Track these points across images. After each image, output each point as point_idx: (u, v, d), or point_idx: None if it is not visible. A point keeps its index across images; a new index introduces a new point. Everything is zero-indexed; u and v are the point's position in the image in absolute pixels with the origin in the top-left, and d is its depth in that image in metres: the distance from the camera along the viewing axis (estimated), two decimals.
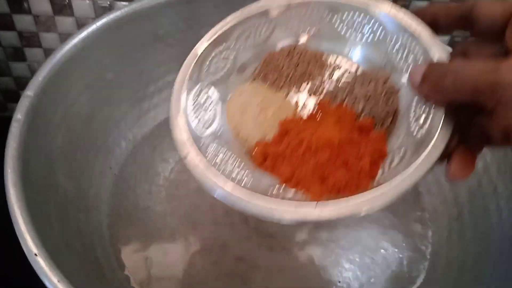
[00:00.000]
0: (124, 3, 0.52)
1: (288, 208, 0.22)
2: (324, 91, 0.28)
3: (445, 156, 0.23)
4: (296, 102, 0.28)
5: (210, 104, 0.28)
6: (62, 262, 0.25)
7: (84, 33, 0.38)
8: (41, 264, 0.24)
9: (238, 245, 0.37)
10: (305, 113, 0.27)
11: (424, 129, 0.23)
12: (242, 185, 0.24)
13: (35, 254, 0.24)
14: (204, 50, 0.30)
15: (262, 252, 0.37)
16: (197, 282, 0.35)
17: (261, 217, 0.22)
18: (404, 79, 0.25)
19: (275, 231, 0.38)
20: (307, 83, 0.28)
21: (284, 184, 0.24)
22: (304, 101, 0.28)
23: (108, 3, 0.53)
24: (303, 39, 0.29)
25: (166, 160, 0.42)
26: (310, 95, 0.28)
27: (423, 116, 0.23)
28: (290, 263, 0.37)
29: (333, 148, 0.24)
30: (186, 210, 0.39)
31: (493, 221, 0.36)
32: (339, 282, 0.36)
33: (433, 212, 0.41)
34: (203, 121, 0.27)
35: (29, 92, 0.32)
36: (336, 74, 0.28)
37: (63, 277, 0.24)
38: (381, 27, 0.27)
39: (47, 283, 0.24)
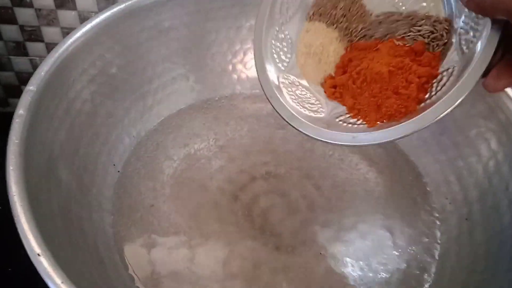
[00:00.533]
0: None
1: (346, 137, 0.26)
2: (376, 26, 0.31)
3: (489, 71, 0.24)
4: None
5: (286, 43, 0.31)
6: (65, 262, 0.25)
7: (86, 27, 0.37)
8: (44, 264, 0.23)
9: (243, 244, 0.36)
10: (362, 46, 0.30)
11: (472, 44, 0.24)
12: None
13: (38, 254, 0.23)
14: None
15: (267, 251, 0.36)
16: (201, 281, 0.34)
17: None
18: None
19: (281, 230, 0.38)
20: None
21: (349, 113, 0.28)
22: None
23: None
24: None
25: (170, 157, 0.42)
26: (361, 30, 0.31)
27: (471, 32, 0.25)
28: (296, 262, 0.36)
29: (383, 79, 0.27)
30: (190, 208, 0.38)
31: (505, 221, 0.35)
32: (347, 282, 0.35)
33: (442, 212, 0.40)
34: (281, 60, 0.31)
35: (31, 87, 0.32)
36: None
37: (67, 278, 0.23)
38: None
39: (50, 284, 0.23)
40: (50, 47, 0.56)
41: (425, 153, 0.44)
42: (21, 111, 0.30)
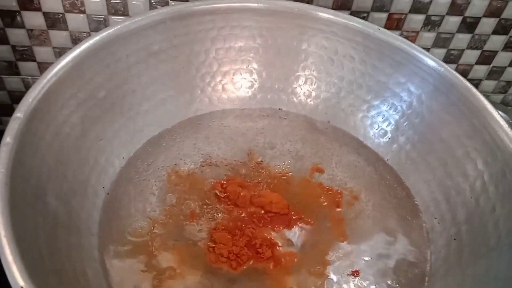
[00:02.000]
0: (118, 17, 0.52)
1: None
2: None
3: None
4: None
5: None
6: None
7: (76, 52, 0.37)
8: None
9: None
10: None
11: None
12: None
13: (22, 287, 0.24)
14: None
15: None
16: None
17: None
18: None
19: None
20: None
21: None
22: None
23: (103, 17, 0.52)
24: None
25: (160, 177, 0.42)
26: None
27: None
28: None
29: None
30: (182, 232, 0.38)
31: (491, 243, 0.35)
32: None
33: (431, 231, 0.41)
34: None
35: (19, 114, 0.32)
36: None
37: None
38: None
39: None
40: (42, 66, 0.56)
41: (414, 172, 0.44)
42: (8, 139, 0.30)
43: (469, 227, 0.38)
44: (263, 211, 0.40)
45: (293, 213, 0.41)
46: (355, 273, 0.37)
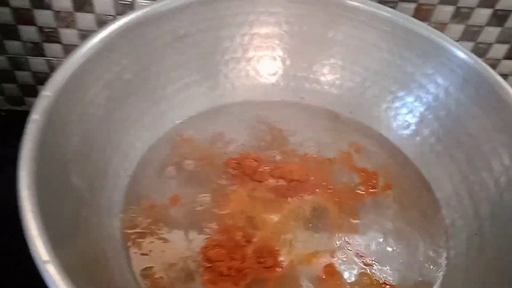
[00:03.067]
0: (144, 1, 0.52)
1: None
2: None
3: None
4: None
5: None
6: (73, 270, 0.25)
7: (104, 33, 0.37)
8: (52, 272, 0.24)
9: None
10: None
11: None
12: None
13: (45, 261, 0.24)
14: None
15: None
16: None
17: None
18: None
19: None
20: None
21: None
22: None
23: (130, 1, 0.52)
24: None
25: (181, 163, 0.42)
26: None
27: None
28: None
29: None
30: (203, 215, 0.38)
31: None
32: None
33: (451, 225, 0.40)
34: None
35: (48, 92, 0.32)
36: None
37: (73, 285, 0.23)
38: None
39: None
40: (67, 48, 0.57)
41: (436, 165, 0.43)
42: (36, 116, 0.30)
43: (492, 223, 0.38)
44: (285, 182, 0.40)
45: (312, 178, 0.41)
46: (365, 264, 0.37)
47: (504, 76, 0.63)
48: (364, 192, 0.41)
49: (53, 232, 0.26)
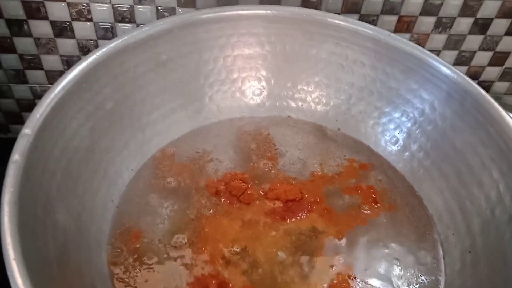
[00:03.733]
0: (125, 25, 0.52)
1: None
2: None
3: None
4: None
5: None
6: None
7: (83, 64, 0.37)
8: None
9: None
10: None
11: None
12: None
13: None
14: None
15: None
16: None
17: None
18: None
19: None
20: None
21: None
22: None
23: (110, 25, 0.52)
24: None
25: (169, 188, 0.41)
26: None
27: None
28: None
29: None
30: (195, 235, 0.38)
31: (509, 255, 0.35)
32: None
33: (445, 242, 0.40)
34: None
35: (27, 130, 0.31)
36: None
37: None
38: None
39: None
40: (50, 74, 0.56)
41: (427, 180, 0.43)
42: (16, 157, 0.30)
43: (485, 238, 0.37)
44: (280, 203, 0.41)
45: (306, 195, 0.41)
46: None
47: (490, 82, 0.63)
48: (365, 210, 0.41)
49: (39, 277, 0.26)
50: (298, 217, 0.40)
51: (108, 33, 0.53)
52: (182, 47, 0.43)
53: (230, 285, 0.35)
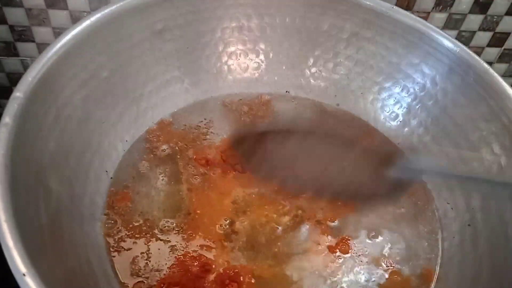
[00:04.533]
0: None
1: None
2: None
3: None
4: None
5: None
6: (54, 281, 0.23)
7: (77, 29, 0.35)
8: (30, 284, 0.22)
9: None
10: None
11: None
12: None
13: (24, 274, 0.22)
14: None
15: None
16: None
17: None
18: None
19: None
20: None
21: None
22: None
23: None
24: None
25: (165, 161, 0.40)
26: None
27: None
28: None
29: None
30: (186, 214, 0.37)
31: (510, 230, 0.34)
32: None
33: (443, 217, 0.40)
34: None
35: (18, 93, 0.30)
36: None
37: None
38: None
39: None
40: (41, 47, 0.55)
41: (426, 156, 0.43)
42: (7, 120, 0.29)
43: (484, 214, 0.37)
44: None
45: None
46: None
47: (489, 63, 0.62)
48: None
49: (31, 243, 0.25)
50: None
51: (102, 5, 0.51)
52: (179, 17, 0.42)
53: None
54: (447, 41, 0.40)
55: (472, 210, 0.38)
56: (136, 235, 0.35)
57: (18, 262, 0.23)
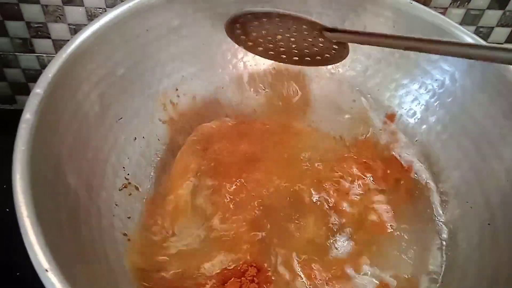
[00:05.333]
0: None
1: None
2: None
3: None
4: None
5: None
6: (74, 276, 0.24)
7: (94, 26, 0.36)
8: (53, 280, 0.22)
9: None
10: None
11: None
12: None
13: (46, 270, 0.22)
14: None
15: None
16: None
17: None
18: None
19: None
20: None
21: None
22: None
23: None
24: None
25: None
26: None
27: None
28: None
29: None
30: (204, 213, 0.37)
31: None
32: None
33: (463, 216, 0.39)
34: None
35: (38, 90, 0.30)
36: None
37: None
38: None
39: None
40: (57, 43, 0.55)
41: (444, 154, 0.42)
42: (28, 116, 0.29)
43: (505, 212, 0.37)
44: None
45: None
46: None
47: None
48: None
49: (52, 238, 0.25)
50: None
51: (118, 2, 0.51)
52: (195, 13, 0.42)
53: None
54: (466, 36, 0.40)
55: (491, 208, 0.37)
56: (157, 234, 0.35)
57: (40, 258, 0.23)
